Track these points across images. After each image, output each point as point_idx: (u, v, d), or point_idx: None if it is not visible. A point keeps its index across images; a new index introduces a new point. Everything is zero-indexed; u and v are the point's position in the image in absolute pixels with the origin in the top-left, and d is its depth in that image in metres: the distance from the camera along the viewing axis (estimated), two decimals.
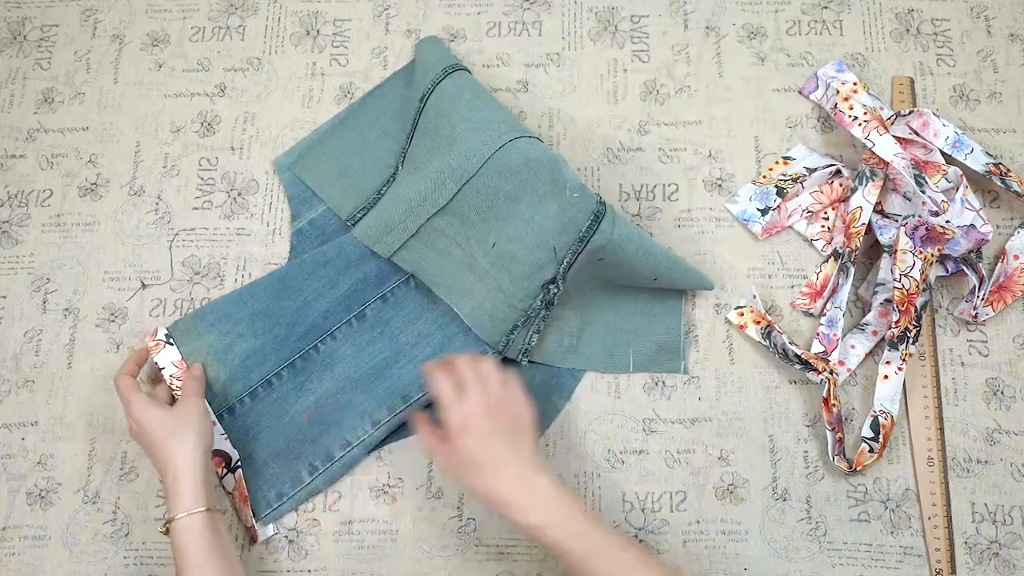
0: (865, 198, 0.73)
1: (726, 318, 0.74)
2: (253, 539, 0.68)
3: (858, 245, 0.72)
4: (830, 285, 0.73)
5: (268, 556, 0.69)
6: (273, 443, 0.69)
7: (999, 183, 0.73)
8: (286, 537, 0.69)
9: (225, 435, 0.70)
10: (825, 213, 0.77)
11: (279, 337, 0.72)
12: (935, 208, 0.70)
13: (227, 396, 0.70)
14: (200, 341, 0.71)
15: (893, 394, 0.69)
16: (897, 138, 0.74)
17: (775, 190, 0.76)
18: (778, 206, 0.76)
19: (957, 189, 0.71)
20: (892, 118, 0.76)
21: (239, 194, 0.79)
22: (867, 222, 0.72)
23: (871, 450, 0.68)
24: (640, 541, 0.69)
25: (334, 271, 0.73)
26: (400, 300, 0.73)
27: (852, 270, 0.72)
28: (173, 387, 0.69)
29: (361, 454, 0.69)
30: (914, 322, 0.69)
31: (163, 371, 0.70)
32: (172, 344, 0.71)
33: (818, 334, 0.72)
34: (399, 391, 0.70)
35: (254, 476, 0.69)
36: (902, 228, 0.70)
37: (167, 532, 0.61)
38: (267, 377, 0.71)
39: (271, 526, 0.69)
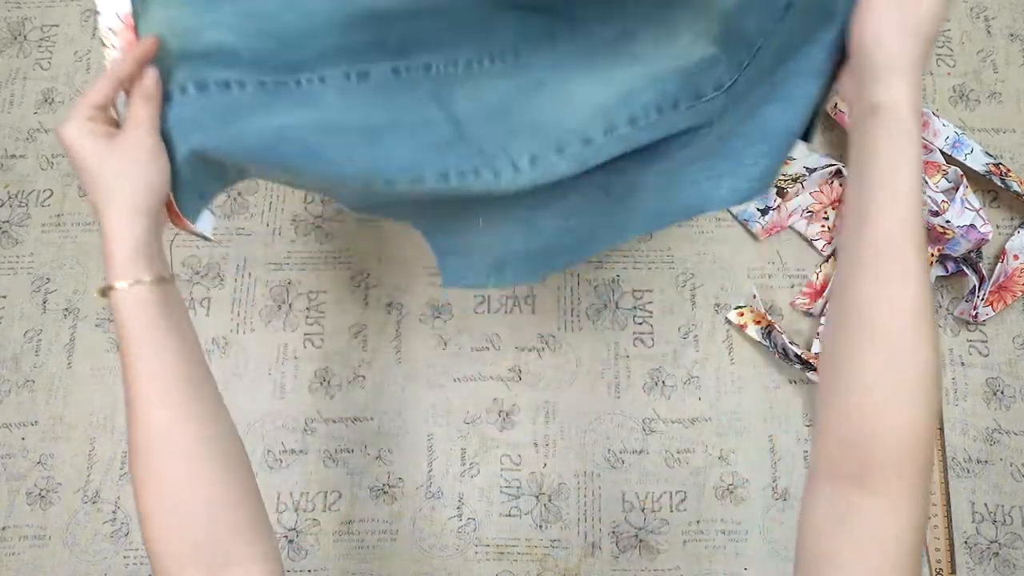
0: None
1: (726, 318, 0.74)
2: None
3: None
4: (830, 285, 0.73)
5: None
6: (207, 143, 0.51)
7: (999, 183, 0.73)
8: (286, 537, 0.69)
9: None
10: (825, 213, 0.77)
11: (261, 53, 0.52)
12: (935, 208, 0.70)
13: (169, 76, 0.50)
14: (165, 12, 0.50)
15: None
16: None
17: (775, 190, 0.76)
18: (778, 206, 0.76)
19: (957, 189, 0.71)
20: None
21: (239, 194, 0.79)
22: None
23: None
24: (640, 541, 0.69)
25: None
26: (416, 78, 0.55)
27: None
28: (105, 45, 0.50)
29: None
30: None
31: (99, 16, 0.49)
32: None
33: (818, 334, 0.72)
34: (392, 170, 0.51)
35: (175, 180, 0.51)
36: None
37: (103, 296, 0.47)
38: (227, 80, 0.51)
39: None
